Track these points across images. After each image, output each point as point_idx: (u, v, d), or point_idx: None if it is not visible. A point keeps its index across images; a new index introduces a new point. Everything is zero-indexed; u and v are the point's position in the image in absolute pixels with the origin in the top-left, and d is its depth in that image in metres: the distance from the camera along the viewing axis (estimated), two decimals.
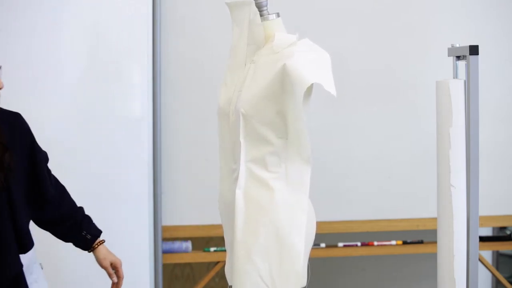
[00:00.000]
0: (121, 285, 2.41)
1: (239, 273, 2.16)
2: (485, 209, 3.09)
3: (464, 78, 2.20)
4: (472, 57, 2.17)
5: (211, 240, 3.69)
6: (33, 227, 2.24)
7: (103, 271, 2.39)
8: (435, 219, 2.29)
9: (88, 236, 2.37)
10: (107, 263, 2.39)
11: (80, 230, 2.36)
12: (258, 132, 2.15)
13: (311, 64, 2.09)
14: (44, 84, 3.12)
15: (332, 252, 3.49)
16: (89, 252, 2.39)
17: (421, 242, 3.53)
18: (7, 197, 2.11)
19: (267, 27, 2.16)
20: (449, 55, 2.35)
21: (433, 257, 2.34)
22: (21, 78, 3.18)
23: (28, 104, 3.16)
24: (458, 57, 2.28)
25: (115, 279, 2.40)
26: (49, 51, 3.16)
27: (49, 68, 3.16)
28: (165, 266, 3.50)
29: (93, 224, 2.40)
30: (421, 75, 3.41)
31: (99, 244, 2.38)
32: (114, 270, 2.40)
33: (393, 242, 3.51)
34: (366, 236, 3.56)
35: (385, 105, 3.45)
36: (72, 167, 3.12)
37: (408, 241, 3.53)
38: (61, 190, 2.36)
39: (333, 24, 3.39)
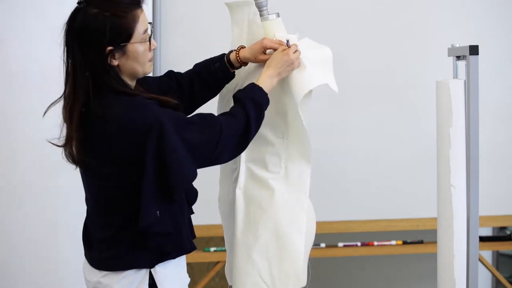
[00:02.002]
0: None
1: (239, 273, 2.16)
2: (485, 209, 3.09)
3: (464, 78, 2.20)
4: (472, 57, 2.17)
5: (211, 240, 3.69)
6: None
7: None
8: (435, 219, 2.29)
9: (216, 65, 2.20)
10: (260, 54, 2.13)
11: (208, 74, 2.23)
12: (258, 132, 2.16)
13: (311, 64, 2.09)
14: (45, 85, 3.12)
15: (332, 252, 3.49)
16: (238, 66, 2.19)
17: (421, 242, 3.53)
18: None
19: (267, 27, 2.16)
20: (449, 55, 2.35)
21: (433, 257, 2.34)
22: (22, 79, 3.19)
23: (30, 104, 3.17)
24: (458, 57, 2.28)
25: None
26: (50, 51, 3.14)
27: (51, 68, 3.14)
28: None
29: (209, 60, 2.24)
30: (421, 75, 3.41)
31: (236, 55, 2.17)
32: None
33: (393, 242, 3.51)
34: (366, 236, 3.56)
35: (385, 105, 3.44)
36: (73, 167, 3.10)
37: (408, 241, 3.52)
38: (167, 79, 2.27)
39: (333, 24, 3.39)
